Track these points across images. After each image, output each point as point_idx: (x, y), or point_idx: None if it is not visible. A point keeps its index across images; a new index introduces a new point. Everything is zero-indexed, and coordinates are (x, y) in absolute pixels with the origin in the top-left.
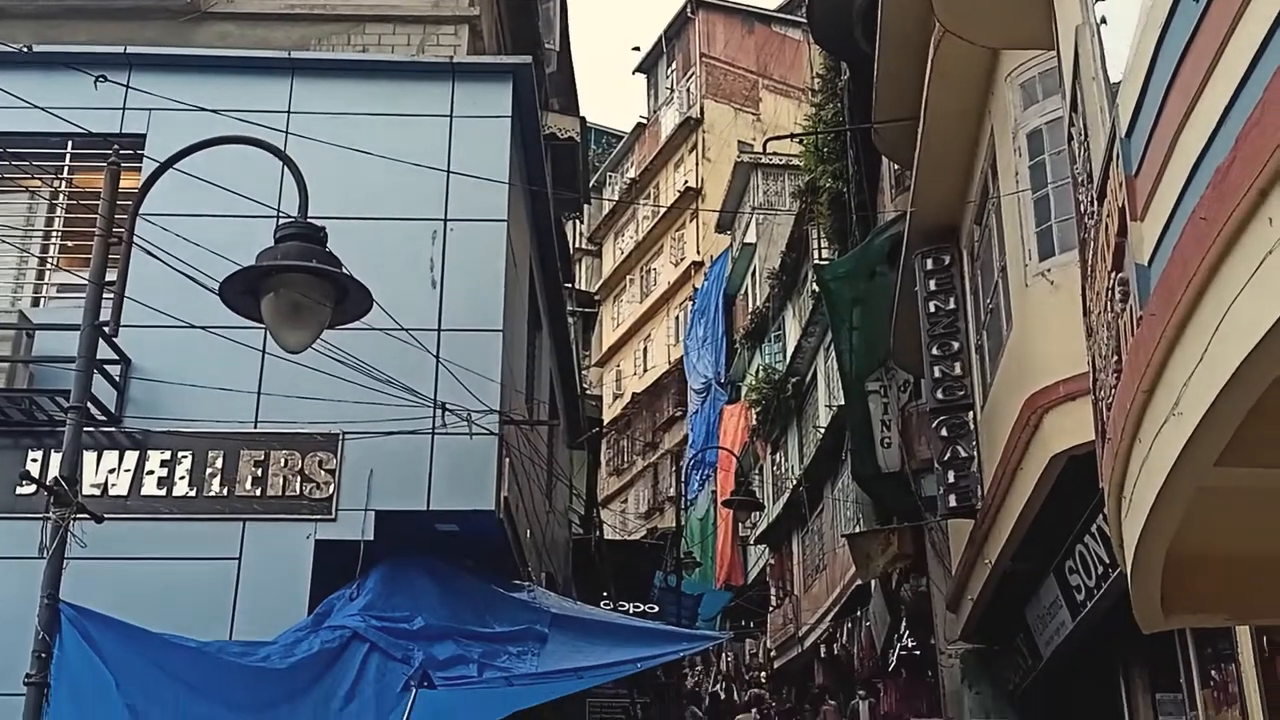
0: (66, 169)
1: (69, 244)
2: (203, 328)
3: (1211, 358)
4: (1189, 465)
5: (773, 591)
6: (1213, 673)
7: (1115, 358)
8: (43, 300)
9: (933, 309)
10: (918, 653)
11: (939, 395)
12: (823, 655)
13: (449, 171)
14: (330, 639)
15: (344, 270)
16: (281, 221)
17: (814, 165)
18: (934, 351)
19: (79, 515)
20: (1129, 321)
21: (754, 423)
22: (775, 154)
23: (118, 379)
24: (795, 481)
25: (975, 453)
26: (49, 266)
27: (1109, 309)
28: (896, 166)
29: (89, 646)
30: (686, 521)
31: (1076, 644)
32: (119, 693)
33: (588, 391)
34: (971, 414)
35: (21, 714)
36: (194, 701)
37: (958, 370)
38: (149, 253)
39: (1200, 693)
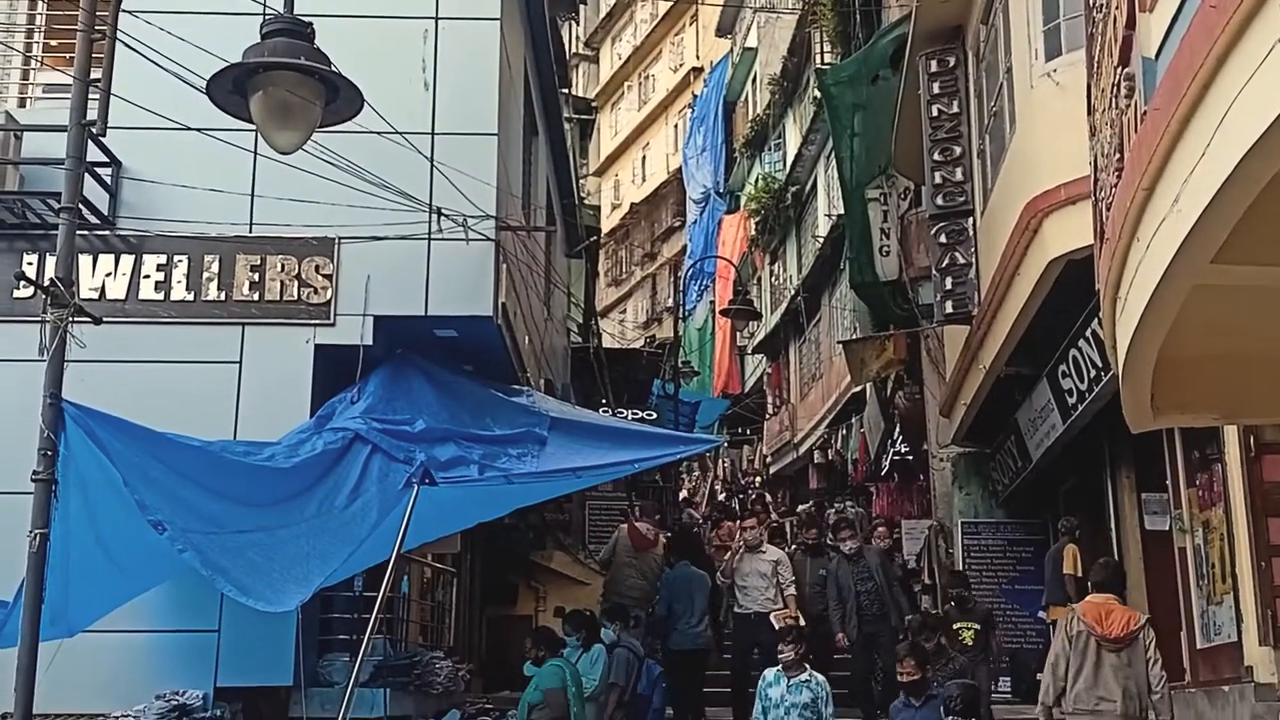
0: None
1: (53, 42)
2: (194, 129)
3: (1214, 152)
4: (1185, 262)
5: (769, 399)
6: (1199, 473)
7: (1117, 156)
8: (29, 101)
9: (935, 113)
10: (910, 458)
11: (939, 201)
12: (817, 461)
13: None
14: (333, 440)
15: (333, 69)
16: (267, 17)
17: None
18: (935, 157)
19: (77, 318)
20: (1133, 118)
21: (753, 232)
22: None
23: (109, 181)
24: (793, 291)
25: (973, 259)
26: (34, 66)
27: (1113, 106)
28: None
29: (94, 444)
30: (684, 331)
31: (1065, 447)
32: (127, 489)
33: (585, 201)
34: (971, 220)
35: (31, 511)
36: (201, 497)
37: (959, 176)
38: (134, 50)
39: (1186, 492)
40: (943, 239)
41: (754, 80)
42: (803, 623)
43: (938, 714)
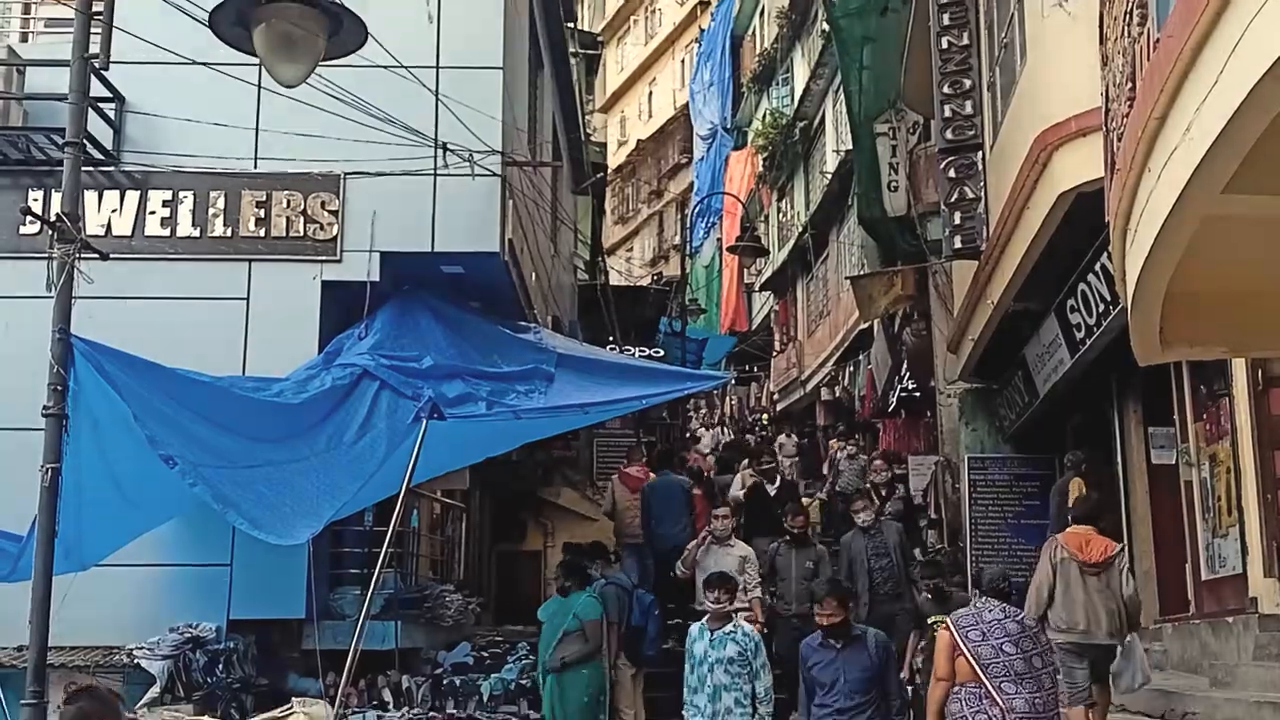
0: None
1: None
2: (197, 63)
3: (1227, 79)
4: (1197, 192)
5: (776, 337)
6: (1206, 407)
7: (1129, 85)
8: (31, 35)
9: (945, 45)
10: (917, 394)
11: (948, 135)
12: (824, 398)
13: None
14: (341, 376)
15: (336, 0)
16: None
17: None
18: (945, 90)
19: (84, 254)
20: (1145, 46)
21: (760, 169)
22: None
23: (112, 116)
24: (801, 227)
25: (982, 193)
26: (35, 0)
27: (1126, 34)
28: None
29: (104, 379)
30: (691, 269)
31: (1073, 382)
32: (137, 423)
33: (592, 138)
34: (980, 154)
35: (42, 446)
36: (211, 432)
37: (968, 109)
38: None
39: (1193, 426)
40: (951, 173)
41: (761, 13)
42: (765, 629)
43: (865, 654)
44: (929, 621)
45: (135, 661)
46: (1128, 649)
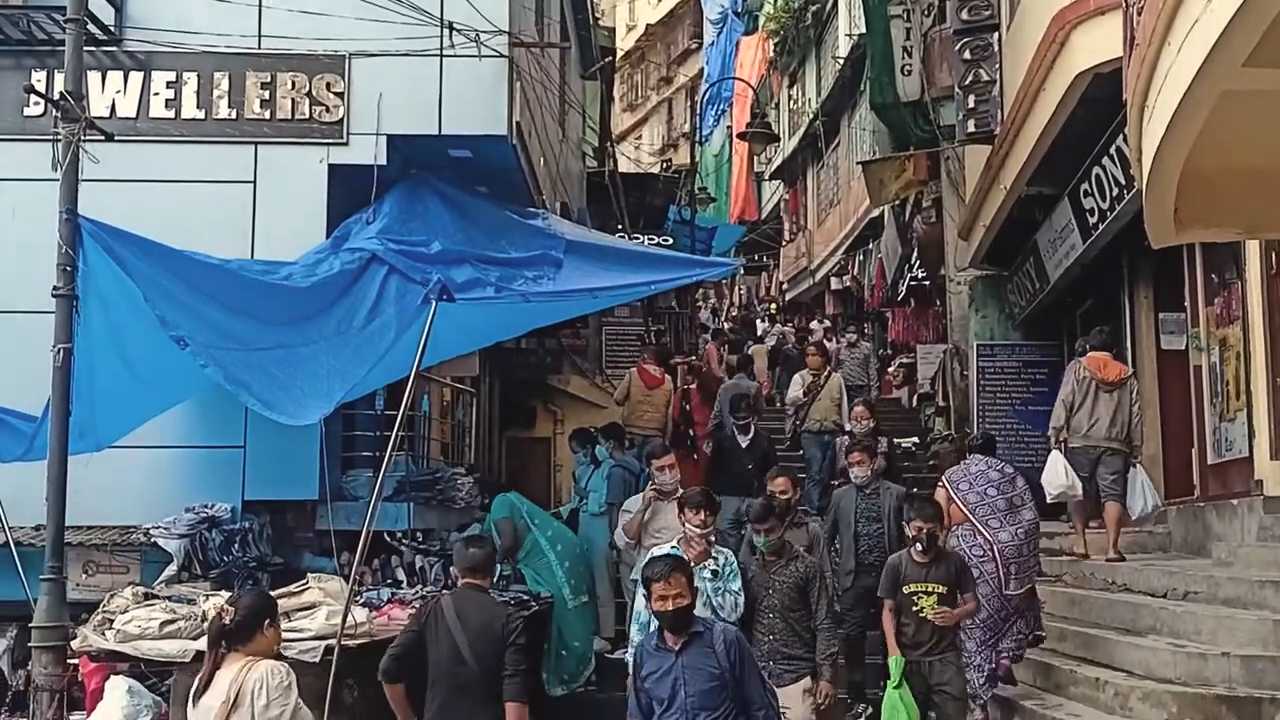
0: None
1: None
2: None
3: None
4: (1217, 65)
5: (786, 226)
6: (1217, 293)
7: None
8: None
9: None
10: (926, 282)
11: (964, 15)
12: (834, 287)
13: None
14: (350, 260)
15: None
16: None
17: None
18: None
19: (89, 133)
20: None
21: (771, 54)
22: None
23: None
24: (812, 114)
25: (998, 75)
26: None
27: None
28: None
29: (113, 260)
30: (701, 156)
31: (1084, 268)
32: (147, 304)
33: (600, 21)
34: (996, 35)
35: (53, 327)
36: (221, 314)
37: None
38: None
39: (1204, 311)
40: (966, 55)
41: None
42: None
43: (711, 658)
44: (908, 591)
45: (152, 540)
46: (1131, 479)
